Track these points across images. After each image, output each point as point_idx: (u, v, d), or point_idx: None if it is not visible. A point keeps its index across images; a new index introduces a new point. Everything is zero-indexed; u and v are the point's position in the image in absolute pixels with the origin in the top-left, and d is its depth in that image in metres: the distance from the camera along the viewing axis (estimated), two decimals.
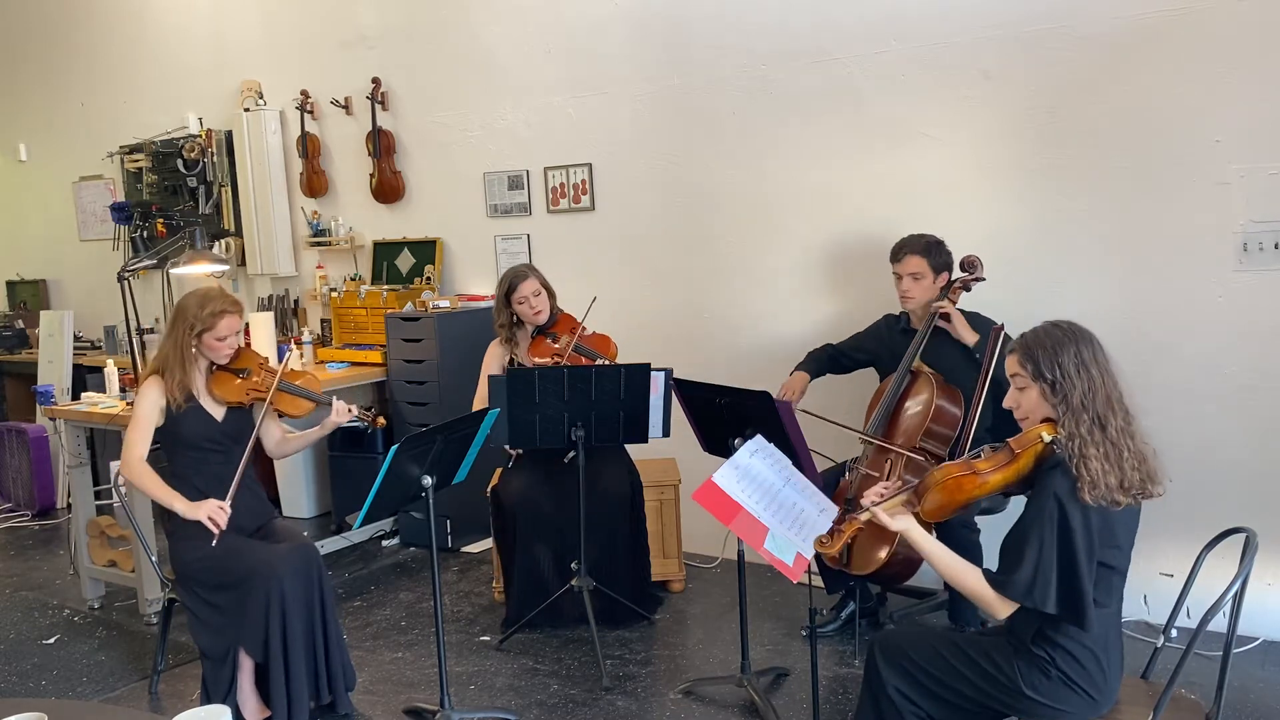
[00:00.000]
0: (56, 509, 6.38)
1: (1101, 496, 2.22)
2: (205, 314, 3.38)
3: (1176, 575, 3.69)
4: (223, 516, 3.26)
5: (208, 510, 3.26)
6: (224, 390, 3.48)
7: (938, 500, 2.41)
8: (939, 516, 2.45)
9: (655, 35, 4.80)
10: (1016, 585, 2.26)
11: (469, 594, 4.61)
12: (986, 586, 2.31)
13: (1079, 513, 2.23)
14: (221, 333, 3.41)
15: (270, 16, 6.24)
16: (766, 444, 2.76)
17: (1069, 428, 2.28)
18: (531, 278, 4.20)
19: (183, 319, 3.41)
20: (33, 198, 7.92)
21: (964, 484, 2.38)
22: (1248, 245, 3.59)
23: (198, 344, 3.42)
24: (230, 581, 3.27)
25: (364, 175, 5.93)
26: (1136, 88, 3.72)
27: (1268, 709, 3.25)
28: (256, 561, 3.26)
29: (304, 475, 5.89)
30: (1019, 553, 2.27)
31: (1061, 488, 2.26)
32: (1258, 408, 3.64)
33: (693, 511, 4.11)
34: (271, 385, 3.46)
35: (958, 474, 2.39)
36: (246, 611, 3.23)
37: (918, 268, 3.76)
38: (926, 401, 3.61)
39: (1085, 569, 2.23)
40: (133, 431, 3.41)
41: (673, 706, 3.47)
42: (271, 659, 3.22)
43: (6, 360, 7.34)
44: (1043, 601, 2.24)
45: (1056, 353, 2.31)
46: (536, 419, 3.78)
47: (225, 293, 3.49)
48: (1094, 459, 2.24)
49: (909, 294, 3.78)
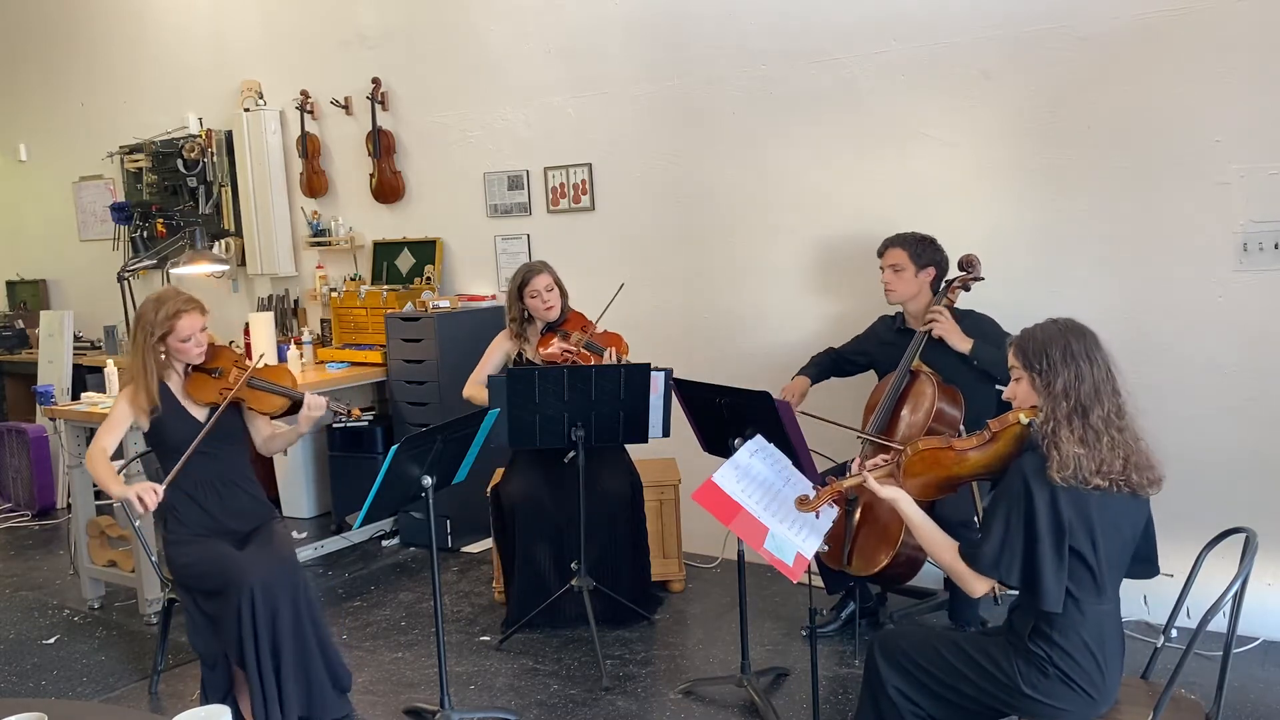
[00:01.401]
0: (56, 509, 6.38)
1: (1071, 477, 2.28)
2: (161, 317, 3.33)
3: (1176, 575, 3.68)
4: (151, 497, 3.20)
5: (136, 489, 3.21)
6: (198, 391, 3.45)
7: (919, 473, 2.52)
8: (921, 493, 2.54)
9: (655, 35, 4.80)
10: (984, 558, 2.35)
11: (469, 594, 4.61)
12: (958, 558, 2.40)
13: (1045, 493, 2.30)
14: (183, 334, 3.36)
15: (270, 16, 6.24)
16: (766, 444, 2.76)
17: (1046, 411, 2.36)
18: (545, 273, 4.20)
19: (142, 326, 3.37)
20: (33, 198, 7.92)
21: (941, 458, 2.50)
22: (1248, 245, 3.59)
23: (165, 349, 3.39)
24: (214, 588, 3.25)
25: (364, 175, 5.93)
26: (1136, 88, 3.72)
27: (1268, 709, 3.25)
28: (229, 569, 3.23)
29: (304, 475, 5.89)
30: (988, 526, 2.37)
31: (1030, 466, 2.34)
32: (1257, 407, 3.64)
33: (693, 511, 4.11)
34: (240, 381, 3.45)
35: (935, 446, 2.51)
36: (224, 618, 3.20)
37: (898, 259, 3.78)
38: (928, 402, 3.61)
39: (1047, 548, 2.29)
40: (102, 427, 3.43)
41: (673, 706, 3.47)
42: (248, 667, 3.17)
43: (6, 360, 7.34)
44: (1007, 574, 2.33)
45: (1046, 344, 2.40)
46: (536, 419, 3.78)
47: (180, 292, 3.43)
48: (1066, 441, 2.30)
49: (890, 286, 3.80)
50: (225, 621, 3.20)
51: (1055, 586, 2.29)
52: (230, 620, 3.17)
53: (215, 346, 3.52)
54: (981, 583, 2.37)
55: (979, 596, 2.41)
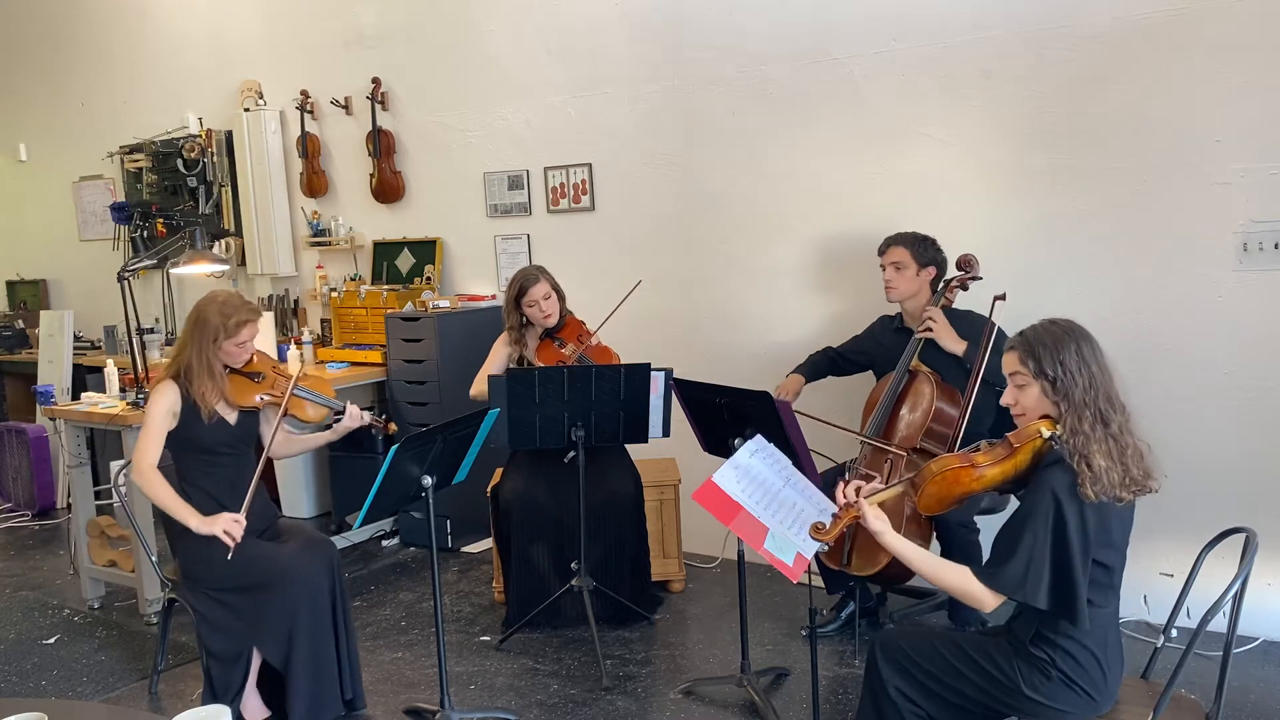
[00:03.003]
0: (56, 509, 6.38)
1: (1104, 492, 2.22)
2: (231, 324, 3.35)
3: (1176, 575, 3.69)
4: (238, 530, 3.22)
5: (223, 525, 3.22)
6: (238, 394, 3.46)
7: (935, 493, 2.41)
8: (936, 509, 2.45)
9: (655, 35, 4.80)
10: (1007, 578, 2.25)
11: (469, 594, 4.61)
12: (972, 580, 2.28)
13: (1076, 510, 2.23)
14: (242, 339, 3.40)
15: (270, 16, 6.24)
16: (766, 444, 2.75)
17: (1071, 424, 2.28)
18: (542, 281, 4.18)
19: (204, 327, 3.36)
20: (33, 198, 7.92)
21: (961, 477, 2.37)
22: (1248, 245, 3.59)
23: (216, 350, 3.40)
24: (248, 584, 3.26)
25: (364, 175, 5.93)
26: (1136, 88, 3.72)
27: (1268, 709, 3.25)
28: (276, 565, 3.26)
29: (304, 475, 5.90)
30: (1012, 547, 2.26)
31: (1060, 484, 2.25)
32: (1257, 407, 3.64)
33: (693, 511, 4.11)
34: (287, 390, 3.46)
35: (955, 466, 2.38)
36: (266, 616, 3.22)
37: (899, 257, 3.79)
38: (926, 402, 3.61)
39: (1079, 566, 2.22)
40: (144, 437, 3.37)
41: (673, 706, 3.47)
42: (291, 662, 3.23)
43: (6, 360, 7.34)
44: (1034, 596, 2.24)
45: (1058, 350, 2.31)
46: (536, 419, 3.78)
47: (245, 300, 3.47)
48: (1098, 455, 2.23)
49: (891, 284, 3.81)
50: (269, 617, 3.22)
51: (1085, 604, 2.24)
52: (278, 615, 3.21)
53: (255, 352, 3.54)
54: (996, 599, 2.27)
55: (990, 611, 2.33)
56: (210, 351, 3.38)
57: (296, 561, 3.28)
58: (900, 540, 2.37)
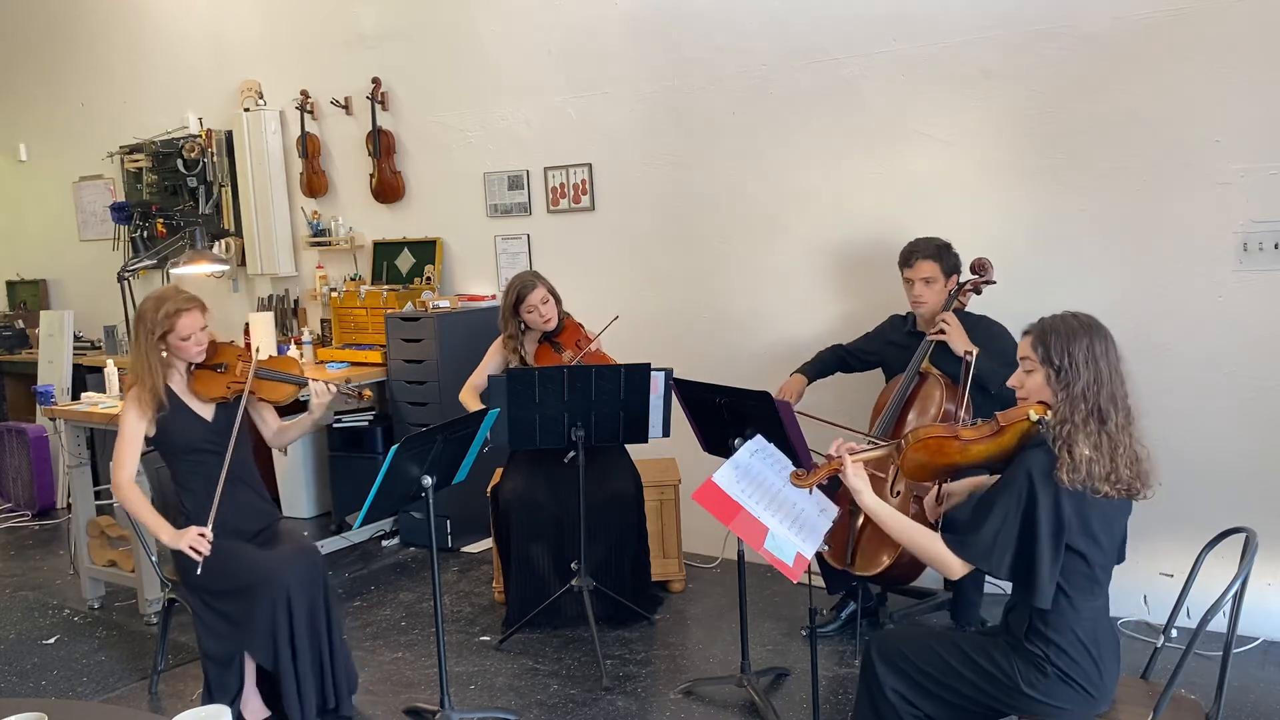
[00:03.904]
0: (56, 509, 6.38)
1: (1080, 481, 2.26)
2: (161, 316, 3.32)
3: (1176, 575, 3.69)
4: (204, 544, 3.21)
5: (189, 540, 3.21)
6: (206, 388, 3.45)
7: (919, 459, 2.47)
8: (920, 476, 2.52)
9: (655, 35, 4.80)
10: (974, 547, 2.33)
11: (469, 594, 4.61)
12: (942, 546, 2.37)
13: (1050, 492, 2.28)
14: (184, 332, 3.35)
15: (270, 16, 6.24)
16: (767, 444, 2.76)
17: (1062, 413, 2.32)
18: (539, 286, 4.15)
19: (143, 325, 3.36)
20: (33, 198, 7.92)
21: (945, 446, 2.44)
22: (1248, 245, 3.59)
23: (166, 348, 3.37)
24: (236, 588, 3.25)
25: (364, 175, 5.93)
26: (1136, 88, 3.72)
27: (1268, 709, 3.24)
28: (261, 569, 3.25)
29: (304, 475, 5.89)
30: (982, 518, 2.34)
31: (1036, 465, 2.30)
32: (1257, 407, 3.64)
33: (693, 511, 4.11)
34: (249, 374, 3.43)
35: (940, 434, 2.45)
36: (254, 619, 3.22)
37: (930, 272, 3.72)
38: (935, 405, 3.60)
39: (1046, 545, 2.27)
40: (119, 452, 3.37)
41: (673, 706, 3.47)
42: (281, 666, 3.22)
43: (6, 360, 7.34)
44: (997, 567, 2.32)
45: (1069, 341, 2.34)
46: (536, 419, 3.78)
47: (180, 291, 3.42)
48: (1081, 445, 2.27)
49: (921, 298, 3.74)
50: (256, 619, 3.21)
51: (1049, 584, 2.29)
52: (263, 617, 3.20)
53: (216, 343, 3.51)
54: (964, 567, 2.36)
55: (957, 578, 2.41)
56: (151, 348, 3.35)
57: (279, 566, 3.25)
58: (876, 500, 2.46)
